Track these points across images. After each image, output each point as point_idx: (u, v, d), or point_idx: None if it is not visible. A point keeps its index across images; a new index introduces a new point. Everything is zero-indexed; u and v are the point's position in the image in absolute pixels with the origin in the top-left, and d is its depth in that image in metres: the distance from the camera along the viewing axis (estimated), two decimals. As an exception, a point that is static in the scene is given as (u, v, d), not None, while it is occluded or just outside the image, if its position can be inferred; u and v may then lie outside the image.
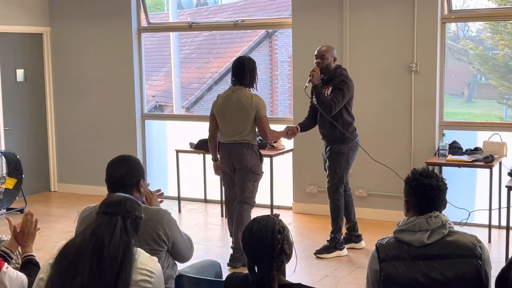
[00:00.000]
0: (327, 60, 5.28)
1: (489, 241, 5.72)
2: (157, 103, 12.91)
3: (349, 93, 5.25)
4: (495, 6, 8.95)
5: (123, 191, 2.94)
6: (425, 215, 2.71)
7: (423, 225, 2.69)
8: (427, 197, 2.73)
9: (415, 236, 2.69)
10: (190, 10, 14.00)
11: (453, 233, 2.73)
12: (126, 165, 3.02)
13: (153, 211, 3.01)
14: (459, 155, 5.92)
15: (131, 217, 2.41)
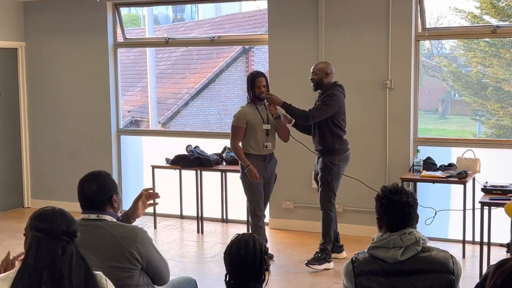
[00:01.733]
0: (316, 75, 5.49)
1: (463, 257, 5.77)
2: (133, 118, 12.85)
3: (333, 106, 5.39)
4: (468, 24, 9.11)
5: (96, 208, 2.92)
6: (399, 232, 2.73)
7: (397, 242, 2.71)
8: (398, 214, 2.75)
9: (389, 253, 2.71)
10: (167, 26, 14.00)
11: (427, 249, 2.76)
12: (96, 182, 2.98)
13: (127, 228, 2.98)
14: (433, 171, 5.98)
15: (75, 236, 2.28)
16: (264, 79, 5.56)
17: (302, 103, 6.60)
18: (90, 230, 2.83)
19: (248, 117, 5.54)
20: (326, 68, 5.49)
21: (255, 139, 5.54)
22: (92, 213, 2.96)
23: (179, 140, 7.38)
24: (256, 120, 5.53)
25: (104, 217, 2.96)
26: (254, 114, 5.54)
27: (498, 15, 9.16)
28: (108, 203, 2.98)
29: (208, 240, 6.55)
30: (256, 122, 5.53)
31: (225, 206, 7.21)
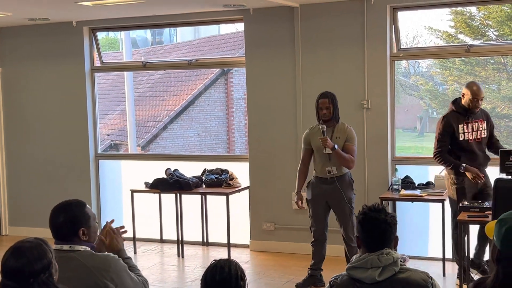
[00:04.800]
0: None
1: (443, 275, 5.78)
2: (112, 141, 12.79)
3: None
4: (443, 43, 9.24)
5: (67, 239, 2.87)
6: (377, 252, 2.73)
7: (375, 262, 2.70)
8: (376, 232, 2.75)
9: (367, 273, 2.70)
10: (145, 49, 14.02)
11: (405, 270, 2.76)
12: (65, 214, 2.91)
13: (100, 258, 2.92)
14: (411, 189, 6.01)
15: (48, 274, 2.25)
16: (326, 101, 5.38)
17: (281, 124, 6.65)
18: (63, 262, 2.77)
19: (311, 138, 5.48)
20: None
21: (317, 162, 5.47)
22: (64, 244, 2.91)
23: (158, 164, 7.35)
24: (318, 142, 5.39)
25: (77, 248, 2.90)
26: (318, 135, 5.40)
27: (472, 34, 9.32)
28: (76, 236, 2.91)
29: (189, 264, 6.50)
30: (317, 143, 5.41)
31: (205, 229, 7.18)
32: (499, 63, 9.45)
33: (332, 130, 5.41)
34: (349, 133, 5.43)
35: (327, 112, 5.37)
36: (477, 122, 5.45)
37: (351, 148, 5.40)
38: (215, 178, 6.78)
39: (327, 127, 5.38)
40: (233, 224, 6.64)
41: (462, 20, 9.19)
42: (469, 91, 5.38)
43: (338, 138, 5.38)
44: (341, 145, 5.37)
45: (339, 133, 5.40)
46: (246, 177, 6.89)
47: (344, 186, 5.40)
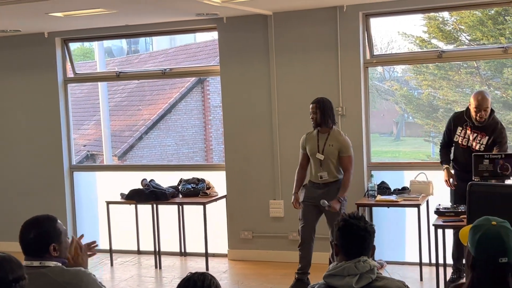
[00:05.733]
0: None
1: (420, 279, 5.81)
2: (88, 152, 12.68)
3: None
4: (417, 48, 9.32)
5: (37, 255, 2.82)
6: (354, 260, 2.73)
7: (352, 269, 2.70)
8: (355, 239, 2.76)
9: (344, 281, 2.70)
10: (121, 58, 13.95)
11: (381, 278, 2.76)
12: (35, 229, 2.87)
13: (71, 273, 2.87)
14: (387, 195, 6.04)
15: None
16: (314, 106, 5.47)
17: (257, 132, 6.64)
18: (33, 279, 2.72)
19: (306, 143, 5.57)
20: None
21: (311, 167, 5.54)
22: (34, 260, 2.86)
23: (134, 174, 7.29)
24: (312, 147, 5.51)
25: (48, 264, 2.85)
26: (312, 141, 5.53)
27: (445, 39, 9.41)
28: (46, 252, 2.87)
29: (167, 276, 6.45)
30: (311, 149, 5.51)
31: (183, 239, 7.13)
32: (472, 67, 9.55)
33: (326, 137, 5.48)
34: (343, 143, 5.48)
35: (315, 116, 5.48)
36: (477, 133, 5.35)
37: (347, 160, 5.48)
38: (191, 187, 6.74)
39: (321, 133, 5.50)
40: (211, 233, 6.61)
41: (435, 25, 9.28)
42: (472, 101, 5.29)
43: (331, 146, 5.45)
44: (334, 153, 5.45)
45: (333, 141, 5.47)
46: (223, 186, 6.86)
47: (335, 191, 5.44)
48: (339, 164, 5.48)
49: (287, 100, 6.50)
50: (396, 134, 13.42)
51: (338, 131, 5.55)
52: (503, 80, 8.93)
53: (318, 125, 5.49)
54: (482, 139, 5.33)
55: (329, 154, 5.42)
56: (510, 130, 8.61)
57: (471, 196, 4.38)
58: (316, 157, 5.44)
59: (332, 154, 5.42)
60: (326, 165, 5.43)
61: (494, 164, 5.05)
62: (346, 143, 5.48)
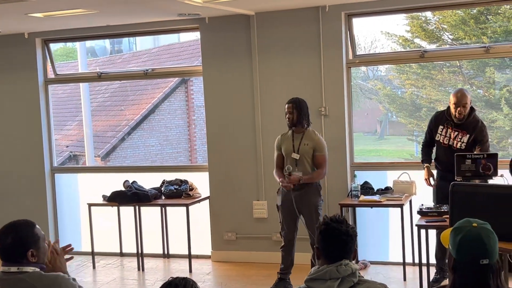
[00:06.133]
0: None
1: (404, 279, 5.81)
2: (71, 153, 12.58)
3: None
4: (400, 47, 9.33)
5: (15, 260, 2.78)
6: (335, 263, 2.72)
7: (333, 273, 2.69)
8: (336, 242, 2.74)
9: (325, 284, 2.68)
10: (104, 58, 13.84)
11: (363, 281, 2.74)
12: (12, 235, 2.83)
13: (49, 279, 2.84)
14: (370, 195, 6.04)
15: None
16: (291, 106, 5.47)
17: (240, 132, 6.61)
18: (11, 284, 2.69)
19: (282, 144, 5.56)
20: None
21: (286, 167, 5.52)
22: (12, 266, 2.82)
23: (117, 176, 7.23)
24: (287, 147, 5.51)
25: (26, 269, 2.81)
26: (287, 141, 5.53)
27: (427, 38, 9.43)
28: (24, 258, 2.83)
29: (149, 278, 6.40)
30: (286, 149, 5.51)
31: (166, 241, 7.08)
32: (455, 66, 9.58)
33: (301, 137, 5.48)
34: (317, 142, 5.49)
35: (291, 116, 5.47)
36: (458, 132, 5.38)
37: (321, 158, 5.50)
38: (174, 189, 6.69)
39: (296, 133, 5.48)
40: (194, 235, 6.57)
41: (418, 24, 9.30)
42: (451, 98, 5.35)
43: (306, 145, 5.46)
44: (309, 152, 5.46)
45: (308, 140, 5.48)
46: (206, 187, 6.83)
47: (310, 193, 5.45)
48: (313, 163, 5.48)
49: (270, 100, 6.47)
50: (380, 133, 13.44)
51: (313, 131, 5.56)
52: (485, 79, 8.97)
53: (293, 125, 5.49)
54: (463, 137, 5.36)
55: (305, 153, 5.45)
56: (493, 129, 8.65)
57: (453, 196, 4.39)
58: (291, 156, 5.44)
59: (307, 153, 5.45)
60: (301, 164, 5.44)
61: (476, 164, 5.06)
62: (321, 142, 5.51)
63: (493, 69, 8.55)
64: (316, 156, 5.47)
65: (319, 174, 5.48)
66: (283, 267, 5.61)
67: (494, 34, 8.06)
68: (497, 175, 5.01)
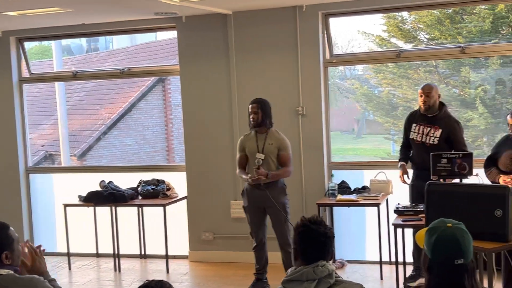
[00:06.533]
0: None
1: (381, 278, 5.84)
2: (46, 152, 12.44)
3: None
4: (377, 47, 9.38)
5: None
6: (312, 264, 2.72)
7: (310, 274, 2.69)
8: (315, 244, 2.75)
9: (302, 286, 2.69)
10: (80, 57, 13.71)
11: (340, 282, 2.76)
12: None
13: (24, 281, 2.81)
14: (348, 194, 6.06)
15: None
16: (256, 106, 5.46)
17: (217, 132, 6.59)
18: (-17, 288, 2.65)
19: (245, 144, 5.53)
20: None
21: (250, 168, 5.48)
22: (-14, 268, 2.78)
23: (93, 176, 7.16)
24: (251, 148, 5.49)
25: (0, 272, 2.78)
26: (251, 141, 5.50)
27: (404, 38, 9.48)
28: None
29: (126, 279, 6.35)
30: (250, 150, 5.48)
31: (143, 241, 7.04)
32: (431, 65, 9.66)
33: (265, 137, 5.47)
34: (282, 141, 5.49)
35: (256, 116, 5.45)
36: (430, 127, 5.47)
37: (286, 157, 5.50)
38: (151, 189, 6.65)
39: (259, 134, 5.45)
40: (171, 235, 6.53)
41: (394, 24, 9.35)
42: (419, 91, 5.53)
43: (270, 145, 5.46)
44: (274, 151, 5.45)
45: (272, 140, 5.47)
46: (183, 187, 6.80)
47: (276, 192, 5.46)
48: (278, 163, 5.48)
49: (248, 99, 6.39)
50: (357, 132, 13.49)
51: (276, 130, 5.57)
52: (460, 78, 9.05)
53: (258, 125, 5.48)
54: (436, 132, 5.45)
55: (269, 153, 5.45)
56: (468, 128, 8.74)
57: (429, 196, 4.43)
58: (256, 157, 5.42)
59: (272, 152, 5.45)
60: (266, 164, 5.43)
61: (452, 164, 5.10)
62: (285, 141, 5.52)
63: (468, 69, 8.64)
64: (281, 155, 5.48)
65: (285, 172, 5.49)
66: (258, 267, 5.62)
67: (469, 34, 8.14)
68: (472, 174, 5.06)
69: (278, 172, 5.45)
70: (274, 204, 5.39)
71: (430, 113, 5.48)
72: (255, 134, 5.52)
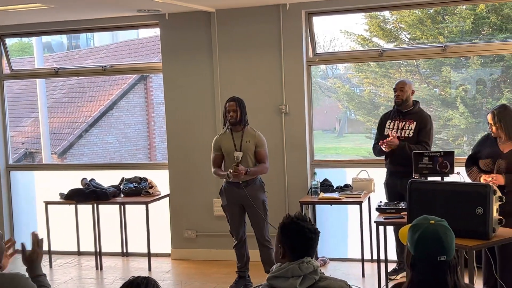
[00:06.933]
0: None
1: (363, 276, 5.88)
2: (27, 150, 12.33)
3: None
4: (359, 46, 9.43)
5: None
6: (297, 261, 2.74)
7: (296, 271, 2.71)
8: (305, 240, 2.78)
9: (288, 282, 2.70)
10: (61, 54, 13.60)
11: (324, 278, 2.78)
12: None
13: (6, 278, 2.78)
14: (330, 192, 6.08)
15: None
16: (234, 104, 5.45)
17: (200, 130, 6.58)
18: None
19: (221, 143, 5.51)
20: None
21: (227, 167, 5.46)
22: (-33, 266, 2.76)
23: (74, 173, 7.11)
24: (227, 146, 5.47)
25: (-19, 270, 2.76)
26: (227, 140, 5.49)
27: (386, 37, 9.54)
28: None
29: (108, 277, 6.32)
30: (227, 148, 5.47)
31: (125, 239, 7.01)
32: (412, 65, 9.73)
33: (241, 135, 5.48)
34: (258, 138, 5.51)
35: (235, 114, 5.45)
36: (405, 121, 5.59)
37: (263, 154, 5.53)
38: (133, 187, 6.63)
39: (235, 132, 5.47)
40: (154, 233, 6.51)
41: (376, 23, 9.40)
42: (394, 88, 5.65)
43: (248, 142, 5.48)
44: (251, 148, 5.47)
45: (248, 137, 5.49)
46: (166, 185, 6.78)
47: (256, 189, 5.49)
48: (255, 160, 5.50)
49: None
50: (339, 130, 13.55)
51: (251, 128, 5.57)
52: (441, 78, 9.13)
53: (236, 123, 5.47)
54: (411, 125, 5.55)
55: (247, 150, 5.46)
56: (448, 127, 8.82)
57: (410, 194, 4.46)
58: (235, 154, 5.41)
59: (249, 150, 5.47)
60: (244, 161, 5.44)
61: (433, 162, 5.15)
62: (262, 138, 5.55)
63: (449, 69, 8.71)
64: (259, 152, 5.50)
65: (264, 168, 5.51)
66: (240, 265, 5.64)
67: (450, 34, 8.21)
68: (454, 172, 5.11)
69: (256, 169, 5.46)
70: (254, 201, 5.41)
71: (404, 108, 5.59)
72: (231, 132, 5.52)
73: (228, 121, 5.48)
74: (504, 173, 4.70)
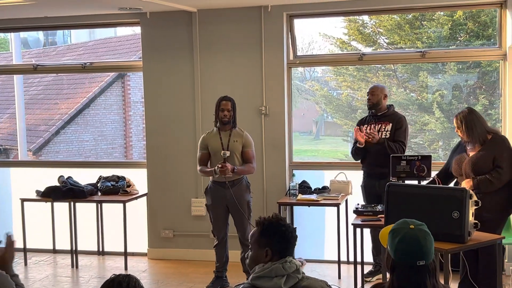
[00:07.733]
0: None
1: (339, 277, 5.93)
2: (1, 146, 12.19)
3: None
4: (338, 49, 9.50)
5: None
6: (280, 260, 2.77)
7: (279, 270, 2.74)
8: (291, 240, 2.84)
9: (272, 282, 2.72)
10: (37, 50, 13.46)
11: (306, 278, 2.82)
12: None
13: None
14: (308, 194, 6.12)
15: None
16: (229, 103, 5.47)
17: (179, 129, 6.57)
18: None
19: (208, 142, 5.51)
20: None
21: (213, 165, 5.45)
22: None
23: (51, 171, 7.05)
24: (215, 145, 5.47)
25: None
26: (215, 139, 5.49)
27: (364, 41, 9.63)
28: None
29: (83, 275, 6.28)
30: (214, 147, 5.46)
31: (101, 238, 6.97)
32: (390, 69, 9.83)
33: (229, 134, 5.50)
34: (246, 138, 5.54)
35: (229, 114, 5.48)
36: (381, 124, 5.68)
37: (251, 154, 5.56)
38: (111, 185, 6.59)
39: (223, 131, 5.49)
40: (131, 232, 6.48)
41: (355, 27, 9.48)
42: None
43: (235, 142, 5.50)
44: (239, 148, 5.49)
45: (236, 137, 5.51)
46: (144, 184, 6.76)
47: (242, 189, 5.51)
48: (242, 160, 5.52)
49: (211, 97, 6.43)
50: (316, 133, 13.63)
51: (239, 128, 5.61)
52: (418, 83, 9.24)
53: (228, 123, 5.50)
54: (387, 126, 5.65)
55: (234, 150, 5.48)
56: (425, 131, 8.93)
57: (388, 197, 4.51)
58: (221, 154, 5.41)
59: (237, 149, 5.49)
60: (231, 160, 5.45)
61: (410, 166, 5.22)
62: (249, 138, 5.58)
63: (426, 74, 8.82)
64: (246, 151, 5.53)
65: (251, 168, 5.55)
66: (219, 265, 5.65)
67: (428, 39, 8.32)
68: (431, 176, 5.18)
69: (243, 168, 5.49)
70: (239, 201, 5.43)
71: (379, 111, 5.69)
72: (218, 131, 5.54)
73: (221, 119, 5.49)
74: (473, 178, 4.76)
